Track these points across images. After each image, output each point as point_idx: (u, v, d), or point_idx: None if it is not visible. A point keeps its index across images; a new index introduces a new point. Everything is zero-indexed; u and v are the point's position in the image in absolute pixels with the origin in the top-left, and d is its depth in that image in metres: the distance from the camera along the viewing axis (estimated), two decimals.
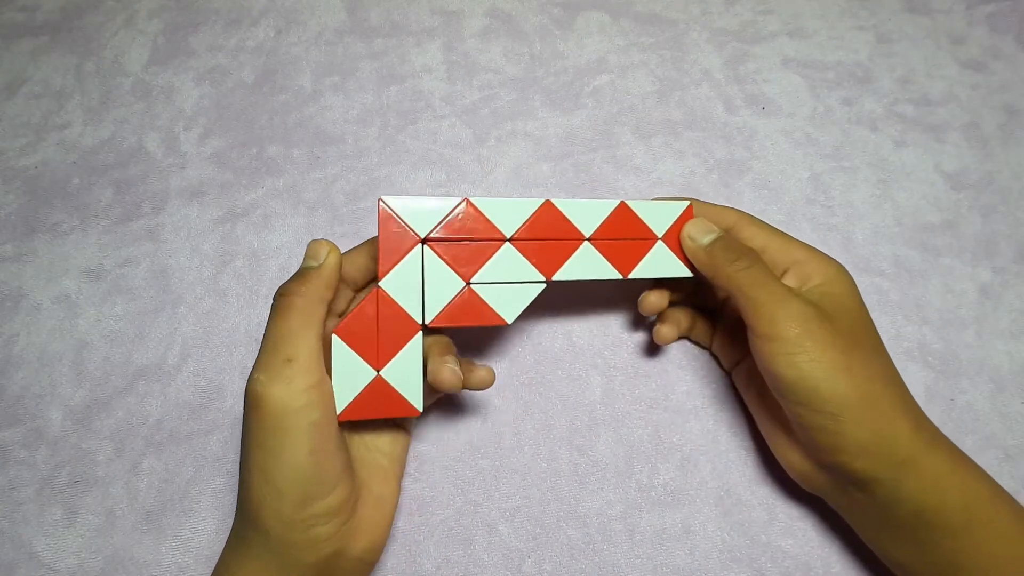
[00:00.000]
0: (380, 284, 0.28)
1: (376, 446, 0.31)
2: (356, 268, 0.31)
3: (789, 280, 0.31)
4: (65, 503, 0.34)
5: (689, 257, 0.32)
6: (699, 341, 0.37)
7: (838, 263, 0.31)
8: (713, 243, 0.31)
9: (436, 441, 0.35)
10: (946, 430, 0.29)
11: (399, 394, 0.28)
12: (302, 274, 0.28)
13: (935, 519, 0.27)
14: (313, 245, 0.29)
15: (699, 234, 0.31)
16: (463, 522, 0.34)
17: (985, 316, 0.38)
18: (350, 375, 0.28)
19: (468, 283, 0.29)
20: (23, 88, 0.47)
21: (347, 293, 0.31)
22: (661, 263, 0.32)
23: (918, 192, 0.42)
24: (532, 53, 0.47)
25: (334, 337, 0.28)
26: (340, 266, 0.29)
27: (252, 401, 0.25)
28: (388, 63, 0.47)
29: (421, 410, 0.29)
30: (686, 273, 0.32)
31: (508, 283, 0.30)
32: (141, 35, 0.49)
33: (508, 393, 0.36)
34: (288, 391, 0.25)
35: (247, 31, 0.49)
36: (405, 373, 0.28)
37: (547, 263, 0.30)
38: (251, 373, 0.26)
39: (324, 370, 0.27)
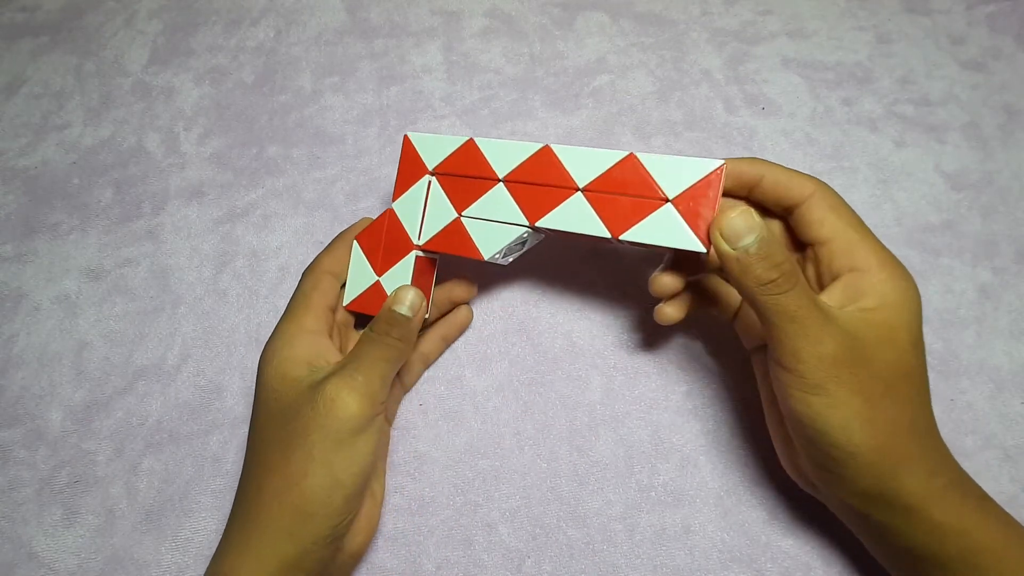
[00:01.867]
0: (393, 205, 0.33)
1: None
2: (337, 261, 0.34)
3: (838, 290, 0.27)
4: (65, 503, 0.34)
5: (717, 254, 0.25)
6: (722, 314, 0.33)
7: (907, 284, 0.26)
8: (748, 248, 0.24)
9: (436, 441, 0.35)
10: (946, 430, 0.29)
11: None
12: (401, 321, 0.30)
13: (930, 561, 0.25)
14: (405, 292, 0.30)
15: (734, 232, 0.24)
16: (463, 522, 0.33)
17: (985, 316, 0.38)
18: (360, 275, 0.33)
19: (460, 215, 0.32)
20: (23, 88, 0.47)
21: (335, 285, 0.34)
22: (665, 230, 0.27)
23: (918, 192, 0.42)
24: (532, 53, 0.47)
25: (354, 243, 0.33)
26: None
27: (330, 402, 0.27)
28: (388, 63, 0.47)
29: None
30: (698, 248, 0.26)
31: (493, 221, 0.31)
32: (141, 35, 0.49)
33: (508, 393, 0.36)
34: (369, 409, 0.28)
35: (247, 31, 0.49)
36: (396, 282, 0.32)
37: (534, 208, 0.30)
38: (337, 378, 0.28)
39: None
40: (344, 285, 0.34)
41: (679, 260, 0.30)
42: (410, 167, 0.33)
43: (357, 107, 0.45)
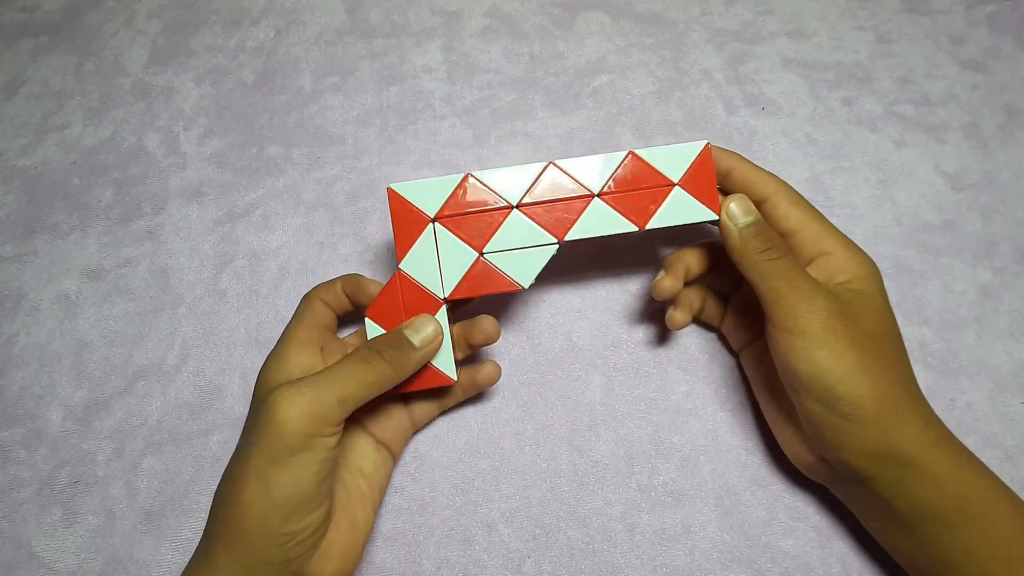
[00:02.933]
0: (400, 266, 0.31)
1: (360, 469, 0.31)
2: (329, 289, 0.32)
3: (814, 271, 0.30)
4: (65, 503, 0.34)
5: (722, 232, 0.30)
6: (708, 321, 0.37)
7: (869, 260, 0.30)
8: (747, 226, 0.29)
9: (436, 441, 0.35)
10: None
11: (433, 366, 0.31)
12: (401, 345, 0.29)
13: (933, 514, 0.27)
14: (425, 322, 0.30)
15: (737, 214, 0.30)
16: (463, 522, 0.33)
17: (985, 316, 0.38)
18: None
19: (481, 253, 0.31)
20: (23, 88, 0.47)
21: (328, 308, 0.32)
22: (682, 209, 0.31)
23: (918, 192, 0.42)
24: (532, 53, 0.47)
25: (367, 320, 0.30)
26: (432, 352, 0.30)
27: (277, 410, 0.26)
28: (388, 63, 0.47)
29: (455, 378, 0.31)
30: (711, 216, 0.31)
31: (520, 249, 0.31)
32: (141, 35, 0.49)
33: (508, 393, 0.36)
34: (321, 426, 0.26)
35: (247, 31, 0.49)
36: None
37: (558, 224, 0.31)
38: (283, 388, 0.26)
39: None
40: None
41: (675, 267, 0.33)
42: (406, 221, 0.31)
43: (357, 107, 0.45)
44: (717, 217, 0.31)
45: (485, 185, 0.31)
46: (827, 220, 0.31)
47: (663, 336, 0.38)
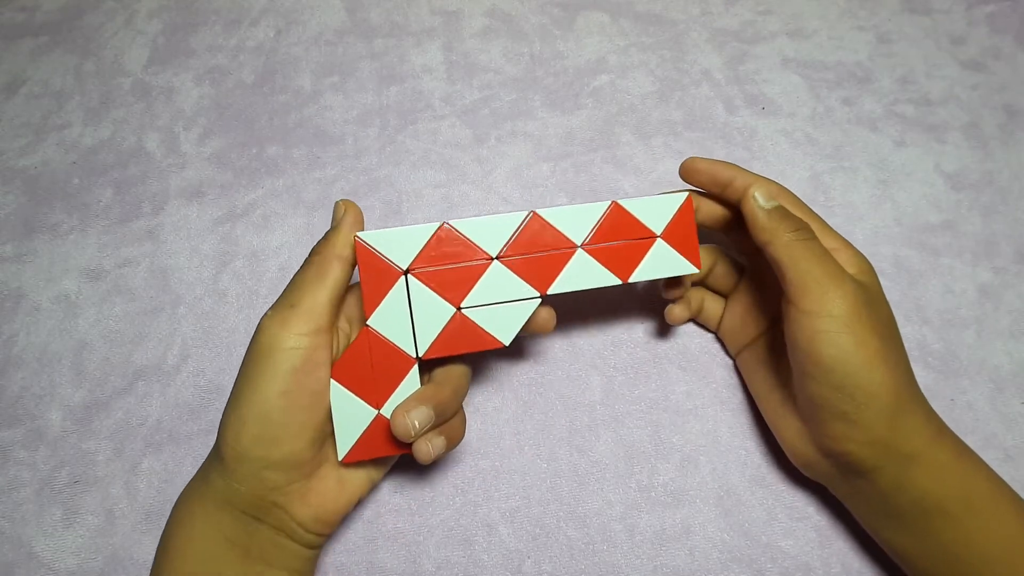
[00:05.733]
0: (368, 323, 0.28)
1: None
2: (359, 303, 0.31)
3: None
4: (65, 503, 0.34)
5: (747, 216, 0.30)
6: (705, 323, 0.37)
7: (866, 258, 0.31)
8: (775, 208, 0.29)
9: None
10: None
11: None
12: (325, 235, 0.29)
13: (935, 507, 0.27)
14: (334, 206, 0.30)
15: (763, 197, 0.30)
16: (463, 522, 0.33)
17: (985, 316, 0.38)
18: (350, 417, 0.28)
19: (459, 308, 0.29)
20: (23, 88, 0.47)
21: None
22: (663, 263, 0.31)
23: (918, 192, 0.42)
24: (532, 53, 0.47)
25: (331, 381, 0.28)
26: (359, 221, 0.29)
27: (255, 335, 0.27)
28: (388, 63, 0.47)
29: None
30: (691, 270, 0.31)
31: (500, 303, 0.29)
32: (141, 35, 0.49)
33: (508, 393, 0.36)
34: (281, 331, 0.26)
35: (247, 31, 0.49)
36: None
37: (540, 277, 0.29)
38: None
39: (325, 327, 0.27)
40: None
41: (687, 298, 0.34)
42: (375, 273, 0.28)
43: (357, 107, 0.45)
44: (697, 271, 0.31)
45: (462, 235, 0.29)
46: (826, 222, 0.32)
47: (663, 336, 0.38)
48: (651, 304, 0.38)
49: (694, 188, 0.34)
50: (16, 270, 0.40)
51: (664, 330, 0.38)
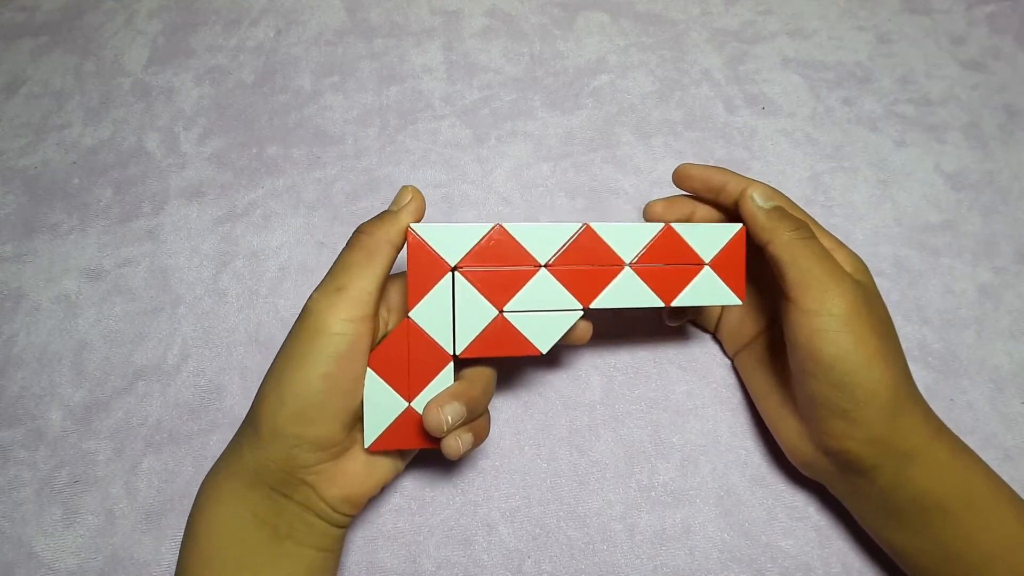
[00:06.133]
0: (410, 315, 0.28)
1: None
2: (402, 293, 0.31)
3: None
4: (65, 503, 0.34)
5: (746, 217, 0.30)
6: (703, 324, 0.37)
7: (860, 257, 0.31)
8: (773, 208, 0.30)
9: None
10: None
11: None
12: (380, 216, 0.29)
13: (934, 505, 0.27)
14: (400, 191, 0.29)
15: (761, 197, 0.30)
16: (463, 522, 0.34)
17: (985, 316, 0.38)
18: (381, 405, 0.28)
19: (501, 311, 0.29)
20: (23, 88, 0.47)
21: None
22: (708, 291, 0.30)
23: (918, 192, 0.42)
24: (532, 53, 0.47)
25: (368, 369, 0.28)
26: (420, 212, 0.29)
27: (301, 315, 0.27)
28: (388, 63, 0.47)
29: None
30: (735, 301, 0.31)
31: (543, 311, 0.29)
32: (141, 35, 0.49)
33: (508, 393, 0.36)
34: (329, 314, 0.26)
35: (247, 31, 0.49)
36: None
37: (585, 290, 0.29)
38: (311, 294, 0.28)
39: (371, 312, 0.27)
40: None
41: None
42: (423, 266, 0.28)
43: (357, 107, 0.45)
44: (740, 303, 0.31)
45: (514, 239, 0.29)
46: (818, 222, 0.32)
47: (664, 336, 0.38)
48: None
49: (687, 193, 0.34)
50: (16, 270, 0.40)
51: (664, 331, 0.38)
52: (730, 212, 0.33)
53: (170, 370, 0.37)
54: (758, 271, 0.34)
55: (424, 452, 0.35)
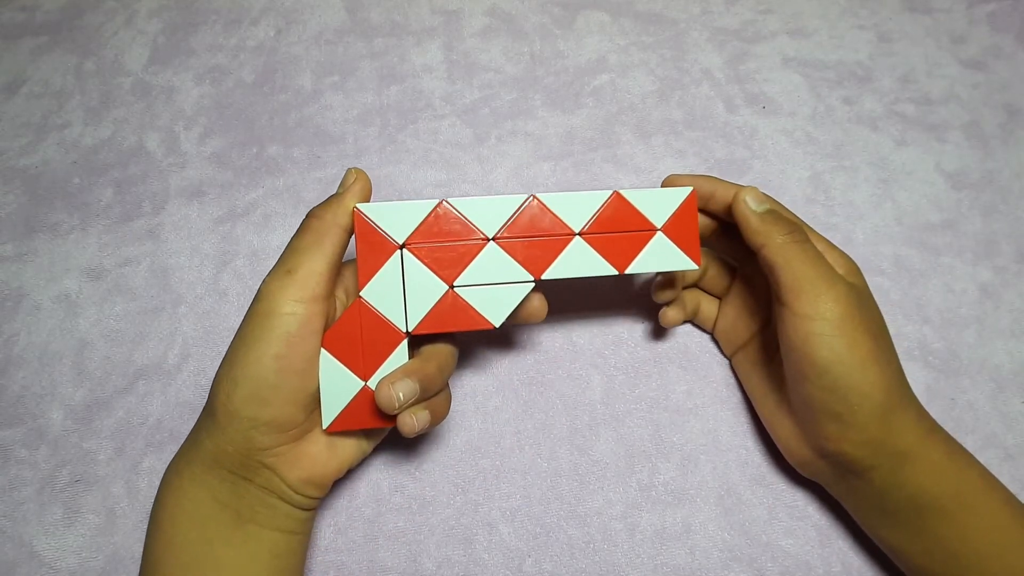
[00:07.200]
0: (361, 294, 0.28)
1: None
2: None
3: None
4: (66, 502, 0.34)
5: (739, 221, 0.30)
6: (701, 324, 0.37)
7: (852, 259, 0.31)
8: (766, 212, 0.30)
9: (436, 441, 0.35)
10: (946, 429, 0.29)
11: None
12: (327, 199, 0.29)
13: (930, 504, 0.27)
14: (346, 173, 0.30)
15: (754, 201, 0.30)
16: (463, 522, 0.34)
17: (985, 315, 0.38)
18: (338, 385, 0.28)
19: (451, 286, 0.29)
20: (23, 88, 0.47)
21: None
22: (662, 256, 0.30)
23: (918, 191, 0.42)
24: (532, 53, 0.47)
25: (321, 350, 0.28)
26: (366, 193, 0.29)
27: (254, 299, 0.27)
28: (388, 63, 0.47)
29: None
30: (691, 266, 0.31)
31: (494, 284, 0.29)
32: (141, 35, 0.49)
33: (508, 393, 0.36)
34: (279, 295, 0.27)
35: (247, 31, 0.49)
36: None
37: (535, 261, 0.29)
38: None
39: (323, 293, 0.27)
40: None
41: (681, 299, 0.35)
42: (371, 245, 0.28)
43: (357, 106, 0.45)
44: (697, 267, 0.31)
45: (460, 213, 0.29)
46: (809, 225, 0.32)
47: (663, 335, 0.38)
48: (651, 303, 0.38)
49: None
50: (17, 270, 0.40)
51: (664, 329, 0.38)
52: (720, 220, 0.33)
53: (171, 369, 0.37)
54: (751, 273, 0.34)
55: (425, 456, 0.35)
